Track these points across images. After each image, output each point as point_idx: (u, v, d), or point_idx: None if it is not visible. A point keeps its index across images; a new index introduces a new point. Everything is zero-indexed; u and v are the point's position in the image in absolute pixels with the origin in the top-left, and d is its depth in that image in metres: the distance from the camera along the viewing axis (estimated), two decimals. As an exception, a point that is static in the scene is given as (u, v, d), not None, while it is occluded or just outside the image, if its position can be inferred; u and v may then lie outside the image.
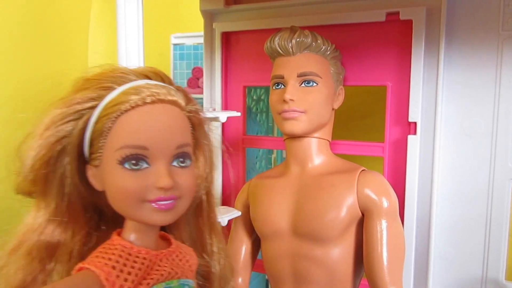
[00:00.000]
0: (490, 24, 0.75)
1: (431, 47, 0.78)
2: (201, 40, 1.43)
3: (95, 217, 0.46)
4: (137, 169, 0.39)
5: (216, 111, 0.90)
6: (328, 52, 0.77)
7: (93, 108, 0.40)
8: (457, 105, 0.79)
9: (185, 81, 1.46)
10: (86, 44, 1.80)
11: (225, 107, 0.98)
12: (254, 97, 1.18)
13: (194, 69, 1.44)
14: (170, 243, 0.46)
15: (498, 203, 0.77)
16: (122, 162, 0.39)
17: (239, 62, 0.97)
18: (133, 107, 0.39)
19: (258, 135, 1.17)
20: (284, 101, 0.73)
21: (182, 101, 0.43)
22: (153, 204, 0.40)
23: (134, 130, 0.39)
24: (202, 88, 1.43)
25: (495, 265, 0.78)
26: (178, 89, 0.44)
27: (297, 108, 0.73)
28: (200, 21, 1.56)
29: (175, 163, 0.41)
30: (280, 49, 0.75)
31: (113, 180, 0.40)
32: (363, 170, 0.76)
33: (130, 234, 0.42)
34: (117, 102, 0.40)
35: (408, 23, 0.78)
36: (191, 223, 0.49)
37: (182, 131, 0.42)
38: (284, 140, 0.80)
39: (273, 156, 1.32)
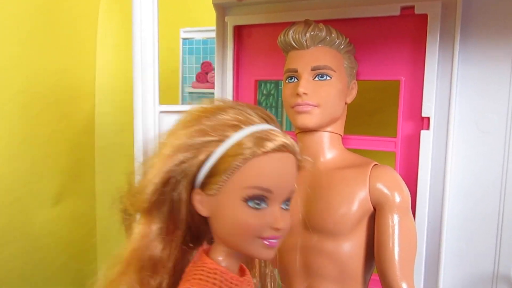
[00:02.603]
0: (506, 19, 0.75)
1: (446, 41, 0.78)
2: (211, 34, 1.44)
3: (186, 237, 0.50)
4: (259, 209, 0.44)
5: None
6: (342, 46, 0.76)
7: (219, 142, 0.44)
8: (471, 101, 0.78)
9: (194, 75, 1.47)
10: (94, 40, 1.80)
11: (236, 101, 0.98)
12: (264, 92, 1.18)
13: (203, 63, 1.44)
14: (244, 270, 0.50)
15: (511, 199, 0.76)
16: (247, 199, 0.43)
17: (250, 56, 0.97)
18: (265, 153, 0.43)
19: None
20: (297, 95, 0.72)
21: (298, 152, 0.47)
22: (265, 241, 0.44)
23: (265, 174, 0.44)
24: (211, 83, 1.44)
25: (507, 261, 0.77)
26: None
27: (310, 102, 0.72)
28: (209, 15, 1.56)
29: (283, 206, 0.46)
30: (294, 42, 0.75)
31: (234, 214, 0.44)
32: (375, 164, 0.75)
33: (222, 258, 0.47)
34: (249, 146, 0.43)
35: (423, 18, 0.78)
36: None
37: (294, 178, 0.47)
38: (296, 134, 0.80)
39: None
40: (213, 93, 1.39)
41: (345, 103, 0.79)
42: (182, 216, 0.46)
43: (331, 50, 0.75)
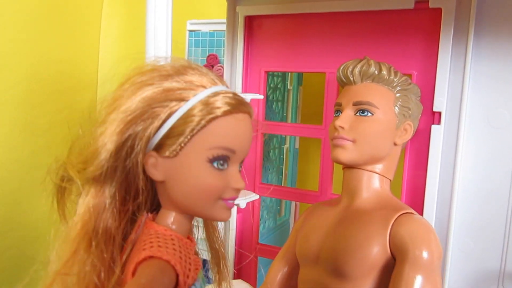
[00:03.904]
0: (520, 15, 0.75)
1: (460, 36, 0.77)
2: (218, 27, 1.44)
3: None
4: (221, 169, 0.43)
5: (240, 93, 0.89)
6: (395, 84, 0.72)
7: (180, 101, 0.42)
8: (483, 96, 0.78)
9: (199, 68, 1.46)
10: (98, 30, 1.79)
11: (245, 91, 0.97)
12: (272, 85, 1.17)
13: (209, 56, 1.43)
14: (189, 236, 0.48)
15: (520, 196, 0.76)
16: (211, 160, 0.42)
17: (260, 47, 0.96)
18: (229, 112, 0.42)
19: (274, 123, 1.16)
20: (335, 128, 0.71)
21: (253, 114, 0.47)
22: (226, 202, 0.43)
23: (230, 134, 0.42)
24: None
25: (514, 259, 0.77)
26: None
27: (345, 136, 0.70)
28: (216, 8, 1.55)
29: (239, 167, 0.45)
30: (344, 77, 0.74)
31: (197, 175, 0.42)
32: (408, 212, 0.68)
33: (174, 225, 0.45)
34: (213, 106, 0.42)
35: (437, 12, 0.78)
36: None
37: (251, 139, 0.46)
38: (342, 169, 0.76)
39: (286, 146, 1.31)
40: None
41: (395, 144, 0.73)
42: (141, 182, 0.43)
43: (380, 87, 0.72)
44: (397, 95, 0.72)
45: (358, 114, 0.71)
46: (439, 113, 0.79)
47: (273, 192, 0.98)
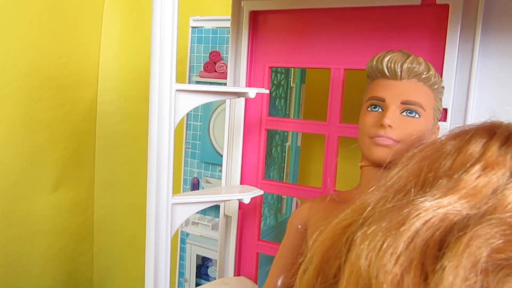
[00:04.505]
0: (528, 13, 0.74)
1: (467, 33, 0.77)
2: (221, 24, 1.43)
3: None
4: None
5: (245, 87, 0.89)
6: (436, 86, 0.70)
7: None
8: (490, 94, 0.78)
9: (202, 64, 1.45)
10: (99, 27, 1.79)
11: (249, 87, 0.97)
12: (275, 82, 1.17)
13: (211, 53, 1.43)
14: None
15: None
16: None
17: (265, 42, 0.96)
18: None
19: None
20: (381, 126, 0.66)
21: None
22: None
23: None
24: (219, 73, 1.42)
25: None
26: None
27: (393, 136, 0.66)
28: (219, 4, 1.55)
29: None
30: (388, 71, 0.68)
31: None
32: None
33: None
34: None
35: (445, 8, 0.77)
36: None
37: None
38: (362, 166, 0.74)
39: (288, 144, 1.31)
40: (220, 83, 1.39)
41: None
42: None
43: (425, 87, 0.68)
44: (436, 97, 0.70)
45: (405, 113, 0.67)
46: (445, 110, 0.79)
47: (276, 189, 0.97)
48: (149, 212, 0.72)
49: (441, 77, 0.78)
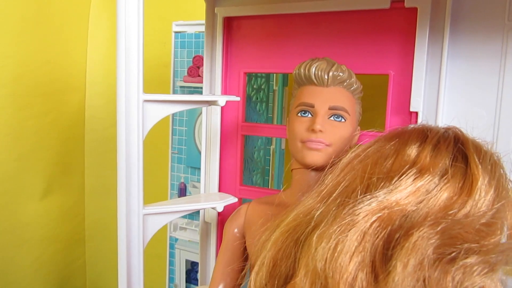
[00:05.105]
0: (495, 14, 0.74)
1: (436, 36, 0.77)
2: (203, 28, 1.43)
3: None
4: None
5: (215, 95, 0.89)
6: (357, 92, 0.74)
7: None
8: (460, 96, 0.77)
9: (186, 69, 1.45)
10: (86, 32, 1.79)
11: (225, 93, 0.97)
12: (255, 86, 1.17)
13: (195, 57, 1.43)
14: None
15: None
16: None
17: (240, 48, 0.96)
18: None
19: (257, 124, 1.15)
20: (313, 131, 0.69)
21: None
22: None
23: None
24: (202, 77, 1.42)
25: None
26: None
27: (324, 140, 0.69)
28: (202, 9, 1.54)
29: None
30: (316, 78, 0.72)
31: None
32: None
33: None
34: None
35: (413, 11, 0.77)
36: None
37: None
38: (293, 169, 0.77)
39: (272, 147, 1.31)
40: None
41: (349, 148, 0.74)
42: None
43: (348, 93, 0.73)
44: (357, 102, 0.75)
45: (332, 118, 0.71)
46: (416, 113, 0.78)
47: (255, 195, 0.97)
48: (120, 224, 0.72)
49: (412, 79, 0.79)
